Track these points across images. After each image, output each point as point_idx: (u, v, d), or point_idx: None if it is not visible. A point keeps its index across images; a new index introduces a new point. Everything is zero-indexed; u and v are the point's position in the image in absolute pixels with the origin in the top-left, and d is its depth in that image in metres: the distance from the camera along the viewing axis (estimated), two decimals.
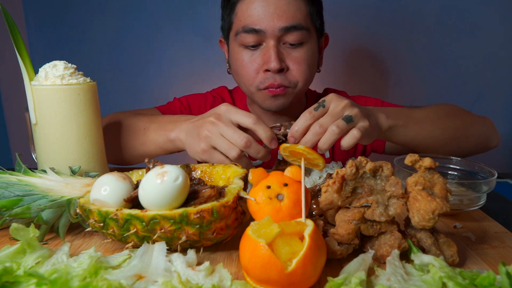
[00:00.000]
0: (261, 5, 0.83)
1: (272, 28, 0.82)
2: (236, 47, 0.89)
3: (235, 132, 0.64)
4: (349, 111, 0.64)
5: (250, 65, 0.87)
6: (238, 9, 0.87)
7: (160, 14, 1.61)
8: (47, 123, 0.63)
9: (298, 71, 0.86)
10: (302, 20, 0.84)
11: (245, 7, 0.85)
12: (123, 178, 0.50)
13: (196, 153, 0.69)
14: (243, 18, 0.85)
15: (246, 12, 0.85)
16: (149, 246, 0.46)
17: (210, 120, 0.67)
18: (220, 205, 0.46)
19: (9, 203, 0.51)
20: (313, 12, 0.87)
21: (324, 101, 0.65)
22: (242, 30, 0.85)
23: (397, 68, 1.61)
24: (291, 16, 0.83)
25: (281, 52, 0.85)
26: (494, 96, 1.60)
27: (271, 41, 0.84)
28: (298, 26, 0.83)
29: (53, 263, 0.43)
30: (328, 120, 0.63)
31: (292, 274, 0.39)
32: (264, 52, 0.85)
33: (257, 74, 0.87)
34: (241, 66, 0.88)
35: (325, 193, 0.48)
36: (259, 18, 0.83)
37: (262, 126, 0.64)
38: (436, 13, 1.53)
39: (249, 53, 0.87)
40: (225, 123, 0.65)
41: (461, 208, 0.61)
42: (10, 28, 0.61)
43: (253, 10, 0.83)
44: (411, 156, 0.49)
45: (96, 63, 1.67)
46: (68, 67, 0.63)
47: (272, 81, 0.85)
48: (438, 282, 0.40)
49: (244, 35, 0.85)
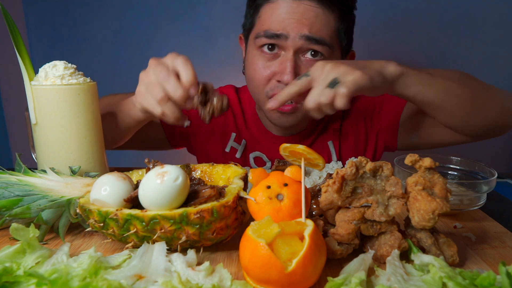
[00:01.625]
0: (287, 11, 0.79)
1: (294, 34, 0.78)
2: (254, 49, 0.86)
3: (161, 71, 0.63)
4: (334, 72, 0.62)
5: (263, 71, 0.83)
6: (262, 12, 0.83)
7: (160, 14, 1.61)
8: (47, 123, 0.63)
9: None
10: (327, 36, 0.80)
11: (270, 11, 0.81)
12: (123, 178, 0.50)
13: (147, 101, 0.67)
14: (266, 22, 0.81)
15: (270, 16, 0.81)
16: (149, 246, 0.46)
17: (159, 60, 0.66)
18: (220, 205, 0.46)
19: (9, 203, 0.51)
20: (342, 29, 0.83)
21: (309, 71, 0.65)
22: (263, 34, 0.81)
23: None
24: (316, 28, 0.79)
25: (298, 65, 0.81)
26: None
27: (290, 51, 0.80)
28: (321, 41, 0.79)
29: (53, 263, 0.43)
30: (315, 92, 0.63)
31: (292, 274, 0.39)
32: (281, 61, 0.81)
33: (269, 81, 0.83)
34: (254, 70, 0.85)
35: (325, 193, 0.48)
36: (283, 23, 0.79)
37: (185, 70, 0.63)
38: (436, 13, 1.53)
39: (266, 58, 0.83)
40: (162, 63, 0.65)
41: (461, 208, 0.61)
42: (10, 28, 0.61)
43: (278, 15, 0.79)
44: (411, 156, 0.49)
45: (96, 63, 1.67)
46: (68, 67, 0.63)
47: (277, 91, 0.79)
48: (438, 282, 0.40)
49: (264, 40, 0.81)
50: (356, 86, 0.62)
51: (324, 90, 0.62)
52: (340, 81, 0.62)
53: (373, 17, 1.55)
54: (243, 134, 1.01)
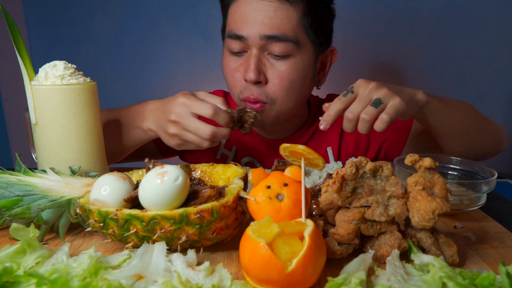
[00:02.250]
0: (249, 10, 0.77)
1: (254, 35, 0.77)
2: (225, 51, 0.85)
3: (199, 128, 0.68)
4: (377, 93, 0.64)
5: (233, 72, 0.82)
6: (229, 13, 0.83)
7: (160, 14, 1.61)
8: (47, 123, 0.63)
9: (278, 86, 0.80)
10: (289, 30, 0.77)
11: (234, 11, 0.80)
12: (123, 178, 0.50)
13: (172, 146, 0.74)
14: (231, 23, 0.81)
15: (234, 16, 0.80)
16: (149, 246, 0.46)
17: (172, 119, 0.70)
18: (220, 205, 0.46)
19: (9, 203, 0.51)
20: (307, 23, 0.79)
21: (353, 87, 0.67)
22: (228, 35, 0.81)
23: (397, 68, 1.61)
24: (277, 24, 0.76)
25: (263, 63, 0.79)
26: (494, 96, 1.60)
27: (254, 49, 0.78)
28: (283, 37, 0.77)
29: (53, 263, 0.43)
30: (358, 106, 0.65)
31: (292, 274, 0.39)
32: (246, 60, 0.80)
33: (239, 82, 0.82)
34: (226, 72, 0.85)
35: (325, 193, 0.48)
36: (244, 23, 0.78)
37: (220, 116, 0.69)
38: (436, 13, 1.53)
39: (234, 59, 0.82)
40: (187, 119, 0.69)
41: (461, 208, 0.61)
42: (10, 28, 0.61)
43: (240, 14, 0.79)
44: (411, 156, 0.49)
45: (96, 63, 1.67)
46: (68, 67, 0.63)
47: (249, 94, 0.80)
48: (438, 282, 0.40)
49: (230, 41, 0.81)
50: (396, 112, 0.64)
51: (368, 107, 0.64)
52: (383, 102, 0.64)
53: (373, 17, 1.55)
54: (233, 140, 1.00)
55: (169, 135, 0.72)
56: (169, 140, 0.74)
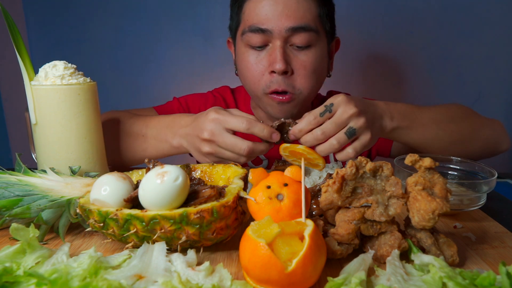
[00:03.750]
0: (269, 3, 0.80)
1: (279, 28, 0.80)
2: (243, 47, 0.87)
3: (235, 145, 0.65)
4: (354, 122, 0.64)
5: (255, 66, 0.84)
6: (246, 8, 0.85)
7: (160, 14, 1.61)
8: (47, 123, 0.63)
9: (303, 76, 0.83)
10: (311, 21, 0.81)
11: (253, 5, 0.83)
12: (123, 178, 0.50)
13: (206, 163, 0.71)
14: (251, 17, 0.83)
15: (253, 11, 0.82)
16: (149, 246, 0.46)
17: (205, 137, 0.67)
18: (220, 205, 0.46)
19: (9, 203, 0.51)
20: (323, 14, 0.84)
21: (332, 105, 0.64)
22: (249, 30, 0.83)
23: (397, 68, 1.61)
24: (300, 16, 0.80)
25: (287, 54, 0.82)
26: (494, 96, 1.60)
27: (278, 41, 0.81)
28: (307, 27, 0.81)
29: (53, 263, 0.43)
30: (332, 128, 0.63)
31: (292, 274, 0.39)
32: (270, 52, 0.82)
33: (263, 76, 0.84)
34: (246, 68, 0.86)
35: (325, 193, 0.48)
36: (266, 17, 0.80)
37: (257, 127, 0.64)
38: (437, 14, 1.53)
39: (255, 53, 0.84)
40: (221, 137, 0.66)
41: (461, 208, 0.61)
42: (10, 28, 0.61)
43: (261, 9, 0.81)
44: (411, 156, 0.49)
45: (96, 63, 1.67)
46: (68, 67, 0.63)
47: (276, 86, 0.82)
48: (438, 282, 0.40)
49: (251, 35, 0.83)
50: (362, 149, 0.66)
51: (342, 135, 0.64)
52: (356, 134, 0.65)
53: (373, 17, 1.55)
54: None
55: (203, 154, 0.70)
56: (203, 158, 0.71)
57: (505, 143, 0.89)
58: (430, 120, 0.78)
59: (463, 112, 0.86)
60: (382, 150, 1.03)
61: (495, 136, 0.88)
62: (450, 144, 0.81)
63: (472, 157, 0.84)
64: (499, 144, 0.88)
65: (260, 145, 0.66)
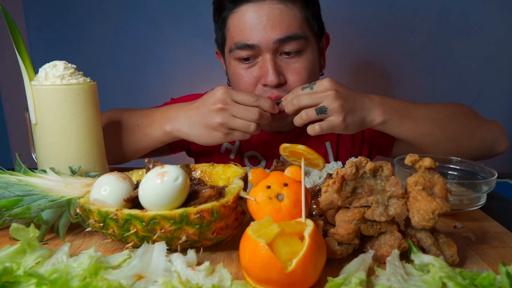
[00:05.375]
0: (253, 16, 0.78)
1: (266, 41, 0.78)
2: (232, 61, 0.85)
3: (247, 110, 0.70)
4: (329, 102, 0.67)
5: (247, 78, 0.83)
6: (230, 24, 0.82)
7: (160, 14, 1.61)
8: (47, 123, 0.63)
9: (297, 82, 0.82)
10: (298, 28, 0.79)
11: (236, 21, 0.80)
12: (123, 178, 0.50)
13: (214, 140, 0.74)
14: (235, 34, 0.81)
15: (237, 26, 0.80)
16: (149, 246, 0.46)
17: (218, 107, 0.71)
18: (220, 205, 0.46)
19: (9, 203, 0.51)
20: (309, 16, 0.82)
21: (315, 83, 0.70)
22: (235, 47, 0.81)
23: (397, 68, 1.61)
24: (285, 26, 0.78)
25: (278, 64, 0.81)
26: (494, 96, 1.60)
27: (267, 54, 0.79)
28: (294, 36, 0.79)
29: (53, 263, 0.43)
30: (305, 100, 0.69)
31: (292, 274, 0.39)
32: (261, 65, 0.81)
33: (255, 87, 0.83)
34: (238, 80, 0.85)
35: (325, 193, 0.48)
36: (251, 32, 0.78)
37: (262, 100, 0.72)
38: (436, 14, 1.53)
39: (246, 66, 0.83)
40: (233, 105, 0.71)
41: (461, 208, 0.61)
42: (10, 28, 0.61)
43: (245, 24, 0.79)
44: (411, 156, 0.49)
45: (96, 63, 1.67)
46: (68, 67, 0.63)
47: (269, 94, 0.81)
48: (438, 282, 0.40)
49: (238, 51, 0.81)
50: (329, 130, 0.71)
51: (312, 110, 0.70)
52: (326, 113, 0.69)
53: (373, 17, 1.55)
54: None
55: (213, 127, 0.72)
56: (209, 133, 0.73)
57: (503, 145, 0.88)
58: (424, 115, 0.78)
59: (462, 111, 0.86)
60: (382, 150, 1.03)
61: (493, 137, 0.87)
62: (444, 141, 0.80)
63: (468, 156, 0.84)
64: (497, 145, 0.87)
65: (266, 113, 0.72)
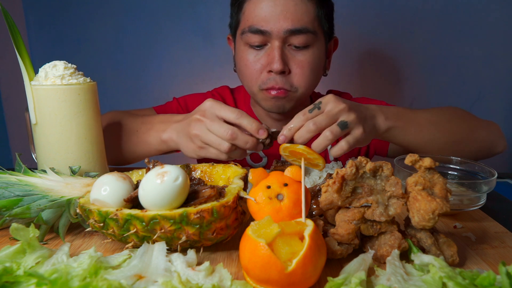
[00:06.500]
0: (269, 5, 0.82)
1: (277, 29, 0.82)
2: (242, 46, 0.89)
3: (221, 126, 0.65)
4: (346, 116, 0.64)
5: (253, 64, 0.87)
6: (246, 8, 0.86)
7: (160, 13, 1.61)
8: (47, 123, 0.63)
9: (300, 75, 0.85)
10: (309, 23, 0.83)
11: (253, 6, 0.85)
12: (123, 178, 0.50)
13: (191, 151, 0.72)
14: (250, 18, 0.85)
15: (253, 11, 0.84)
16: (149, 246, 0.46)
17: (196, 118, 0.68)
18: (220, 205, 0.46)
19: (9, 203, 0.51)
20: (322, 15, 0.86)
21: (320, 102, 0.64)
22: (248, 30, 0.85)
23: (397, 68, 1.61)
24: (298, 18, 0.82)
25: (285, 54, 0.84)
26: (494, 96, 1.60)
27: (276, 42, 0.83)
28: (304, 29, 0.82)
29: (53, 263, 0.43)
30: (323, 120, 0.63)
31: (292, 274, 0.39)
32: (269, 52, 0.85)
33: (260, 74, 0.86)
34: (245, 66, 0.88)
35: (325, 193, 0.48)
36: (265, 18, 0.82)
37: (246, 119, 0.64)
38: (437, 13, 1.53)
39: (254, 52, 0.87)
40: (211, 119, 0.66)
41: (461, 208, 0.61)
42: (10, 28, 0.61)
43: (260, 10, 0.83)
44: (411, 156, 0.49)
45: (96, 63, 1.67)
46: (68, 67, 0.63)
47: (273, 84, 0.85)
48: (438, 282, 0.40)
49: (250, 35, 0.85)
50: (355, 143, 0.66)
51: (335, 126, 0.63)
52: (349, 128, 0.64)
53: (373, 17, 1.55)
54: None
55: (190, 137, 0.70)
56: (188, 144, 0.71)
57: (501, 145, 0.90)
58: (425, 120, 0.79)
59: (459, 114, 0.87)
60: (379, 150, 1.04)
61: (491, 138, 0.88)
62: (446, 145, 0.81)
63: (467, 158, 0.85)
64: (495, 146, 0.89)
65: (244, 136, 0.64)
